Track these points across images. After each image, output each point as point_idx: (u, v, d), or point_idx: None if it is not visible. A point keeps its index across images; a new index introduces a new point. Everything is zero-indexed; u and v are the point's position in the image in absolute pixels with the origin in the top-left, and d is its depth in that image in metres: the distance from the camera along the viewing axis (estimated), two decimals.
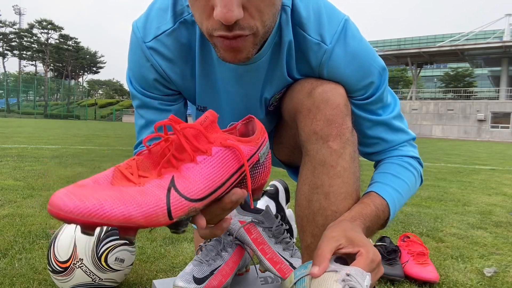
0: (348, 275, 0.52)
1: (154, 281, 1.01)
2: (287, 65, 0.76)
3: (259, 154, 0.55)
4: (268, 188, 1.42)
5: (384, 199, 0.74)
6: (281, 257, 0.93)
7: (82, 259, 1.03)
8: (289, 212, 1.60)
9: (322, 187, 0.71)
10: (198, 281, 0.87)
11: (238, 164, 0.51)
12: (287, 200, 1.50)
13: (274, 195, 1.37)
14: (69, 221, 0.39)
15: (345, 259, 0.61)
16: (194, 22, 0.73)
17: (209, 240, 0.97)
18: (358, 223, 0.66)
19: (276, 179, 1.21)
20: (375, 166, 0.87)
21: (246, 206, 0.88)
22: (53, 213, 0.40)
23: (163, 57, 0.75)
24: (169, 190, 0.44)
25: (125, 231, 0.43)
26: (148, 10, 0.76)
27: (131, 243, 0.42)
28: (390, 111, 0.81)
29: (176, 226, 0.45)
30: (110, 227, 1.05)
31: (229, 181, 0.50)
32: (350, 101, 0.77)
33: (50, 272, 1.06)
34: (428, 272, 1.29)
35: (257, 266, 1.01)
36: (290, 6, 0.71)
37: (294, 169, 1.00)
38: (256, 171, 0.55)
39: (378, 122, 0.80)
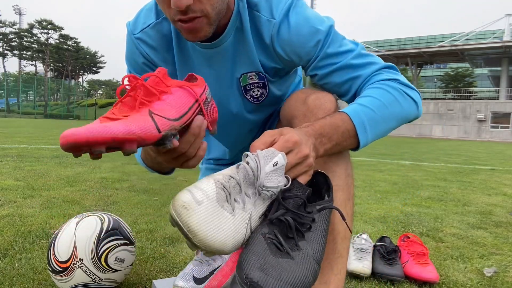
0: (255, 155, 0.58)
1: (154, 281, 1.01)
2: (255, 47, 0.86)
3: (206, 94, 0.68)
4: None
5: (342, 111, 0.76)
6: None
7: (82, 259, 1.03)
8: None
9: None
10: (198, 281, 0.87)
11: (193, 99, 0.65)
12: None
13: None
14: (83, 143, 0.49)
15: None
16: None
17: None
18: (304, 130, 0.69)
19: None
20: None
21: None
22: (69, 140, 0.48)
23: (148, 45, 0.89)
24: (150, 115, 0.56)
25: (129, 145, 0.53)
26: (139, 12, 0.91)
27: (131, 154, 0.55)
28: (347, 56, 0.83)
29: (163, 140, 0.57)
30: (110, 227, 1.06)
31: (191, 110, 0.63)
32: (311, 67, 0.85)
33: (50, 272, 1.06)
34: (428, 272, 1.29)
35: None
36: None
37: None
38: (207, 107, 0.69)
39: (341, 67, 0.83)
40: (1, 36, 49.65)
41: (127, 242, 1.13)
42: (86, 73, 64.82)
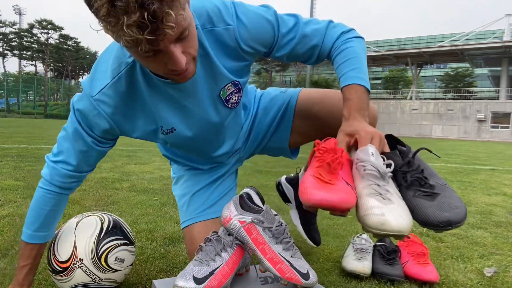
0: (358, 159, 0.83)
1: (154, 281, 1.01)
2: (222, 63, 0.95)
3: None
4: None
5: (350, 84, 0.95)
6: (281, 257, 0.93)
7: (82, 259, 1.03)
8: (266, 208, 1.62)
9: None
10: (198, 281, 0.87)
11: None
12: (262, 202, 1.52)
13: (250, 200, 1.39)
14: (323, 207, 0.75)
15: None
16: (129, 73, 0.89)
17: (209, 240, 0.97)
18: (357, 116, 0.91)
19: (247, 187, 1.22)
20: (332, 62, 1.06)
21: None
22: (315, 202, 0.75)
23: (107, 105, 0.91)
24: (348, 186, 0.80)
25: (341, 211, 0.77)
26: (92, 73, 0.93)
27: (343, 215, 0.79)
28: (297, 29, 1.01)
29: None
30: (110, 227, 1.06)
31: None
32: (275, 49, 1.01)
33: (50, 272, 1.06)
34: (428, 272, 1.29)
35: (257, 266, 1.01)
36: (197, 22, 0.88)
37: (293, 150, 1.36)
38: None
39: (299, 40, 1.01)
40: (1, 36, 49.63)
41: (127, 242, 1.13)
42: (86, 73, 64.79)
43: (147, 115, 0.96)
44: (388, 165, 0.82)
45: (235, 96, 1.03)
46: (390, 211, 0.75)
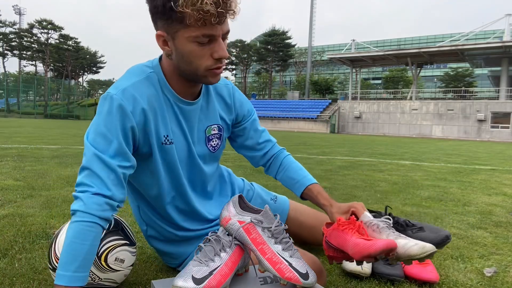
0: (366, 222, 1.06)
1: (153, 281, 1.01)
2: (216, 107, 1.16)
3: None
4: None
5: (315, 183, 1.23)
6: (281, 257, 0.93)
7: None
8: (265, 208, 1.64)
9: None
10: (197, 281, 0.87)
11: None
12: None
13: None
14: (387, 251, 0.94)
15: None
16: (150, 78, 1.03)
17: (208, 241, 0.97)
18: (333, 202, 1.16)
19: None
20: (285, 165, 1.27)
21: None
22: (381, 249, 0.94)
23: (128, 101, 0.97)
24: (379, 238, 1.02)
25: (394, 251, 0.97)
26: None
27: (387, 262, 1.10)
28: (263, 128, 1.31)
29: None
30: (111, 227, 1.07)
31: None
32: (249, 121, 1.26)
33: (50, 271, 1.06)
34: (428, 272, 1.29)
35: (257, 266, 1.01)
36: None
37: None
38: None
39: (262, 129, 1.29)
40: (1, 36, 49.61)
41: (128, 242, 1.12)
42: (86, 73, 64.79)
43: (159, 120, 1.04)
44: (388, 219, 1.09)
45: (216, 140, 1.18)
46: (416, 241, 0.99)
